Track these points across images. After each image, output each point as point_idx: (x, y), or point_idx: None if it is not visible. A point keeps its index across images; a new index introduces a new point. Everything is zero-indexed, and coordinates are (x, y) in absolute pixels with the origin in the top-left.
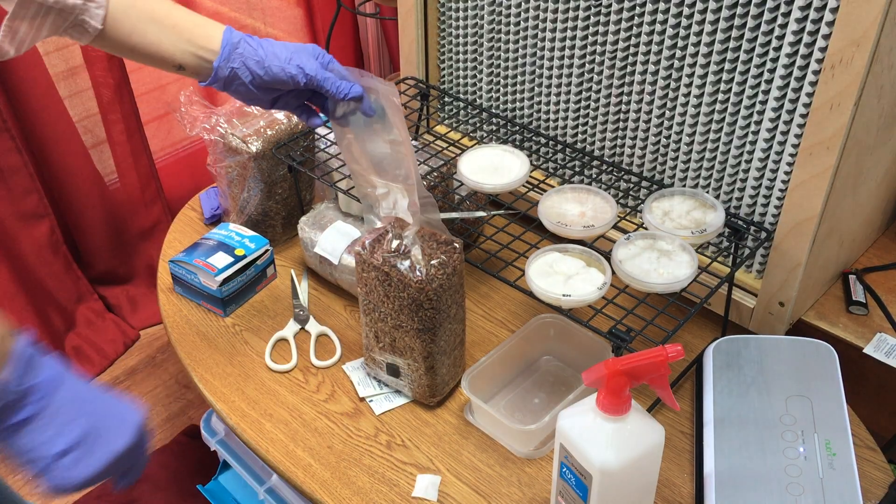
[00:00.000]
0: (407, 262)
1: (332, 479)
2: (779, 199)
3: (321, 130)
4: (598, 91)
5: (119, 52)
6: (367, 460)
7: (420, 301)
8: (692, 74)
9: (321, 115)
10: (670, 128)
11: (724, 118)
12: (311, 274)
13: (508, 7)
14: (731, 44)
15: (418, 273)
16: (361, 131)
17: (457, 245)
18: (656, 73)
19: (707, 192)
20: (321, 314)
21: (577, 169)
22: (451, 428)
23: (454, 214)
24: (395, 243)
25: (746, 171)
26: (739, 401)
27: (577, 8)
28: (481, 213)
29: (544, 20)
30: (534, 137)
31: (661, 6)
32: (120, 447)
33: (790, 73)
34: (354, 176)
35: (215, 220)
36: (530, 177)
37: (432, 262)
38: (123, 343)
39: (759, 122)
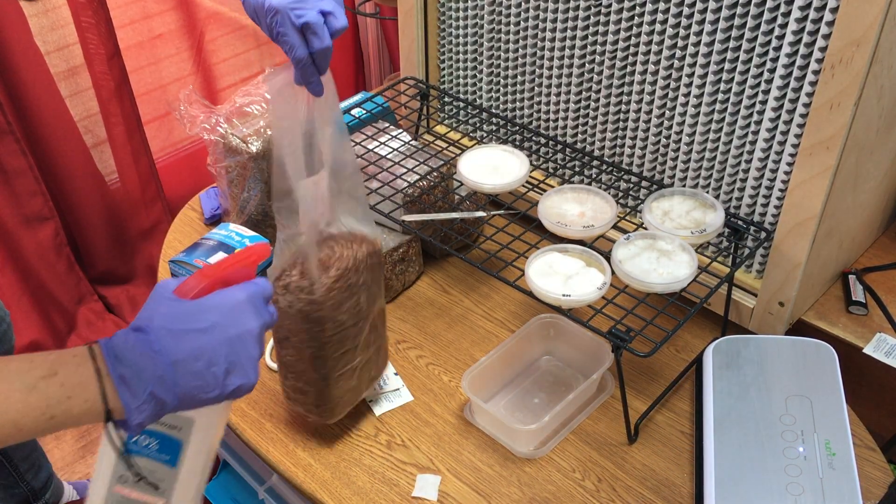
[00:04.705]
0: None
1: (332, 479)
2: (779, 199)
3: None
4: (598, 91)
5: None
6: (367, 460)
7: (308, 314)
8: (692, 74)
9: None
10: (670, 128)
11: (724, 118)
12: None
13: (508, 7)
14: (731, 44)
15: (308, 290)
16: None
17: (364, 246)
18: (656, 73)
19: (707, 192)
20: None
21: (576, 169)
22: (451, 428)
23: (454, 214)
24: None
25: (746, 171)
26: (739, 401)
27: (577, 8)
28: (481, 213)
29: (544, 20)
30: (534, 137)
31: (661, 6)
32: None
33: (790, 73)
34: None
35: (215, 220)
36: (530, 177)
37: (329, 272)
38: None
39: (759, 122)
